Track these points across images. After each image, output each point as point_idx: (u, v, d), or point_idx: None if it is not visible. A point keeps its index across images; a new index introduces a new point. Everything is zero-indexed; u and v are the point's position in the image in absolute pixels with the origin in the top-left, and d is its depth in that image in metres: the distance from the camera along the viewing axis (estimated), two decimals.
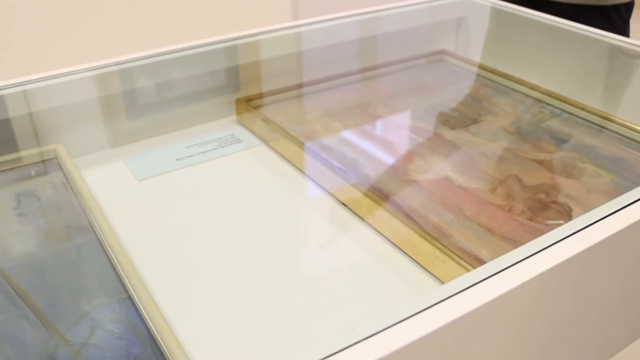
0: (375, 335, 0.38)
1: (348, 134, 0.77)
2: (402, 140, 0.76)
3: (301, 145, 0.72)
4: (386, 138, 0.77)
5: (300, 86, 0.87)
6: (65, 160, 0.69)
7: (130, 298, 0.53)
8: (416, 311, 0.39)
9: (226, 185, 0.70)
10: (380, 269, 0.57)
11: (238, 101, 0.82)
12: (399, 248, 0.60)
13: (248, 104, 0.81)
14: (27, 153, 0.71)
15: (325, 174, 0.68)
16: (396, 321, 0.39)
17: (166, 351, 0.47)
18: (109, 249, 0.57)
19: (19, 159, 0.71)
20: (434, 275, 0.57)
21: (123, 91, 0.78)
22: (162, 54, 0.80)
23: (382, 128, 0.79)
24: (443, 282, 0.56)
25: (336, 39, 0.93)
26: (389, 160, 0.72)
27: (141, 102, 0.79)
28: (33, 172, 0.70)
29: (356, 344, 0.37)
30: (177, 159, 0.74)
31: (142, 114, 0.79)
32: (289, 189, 0.69)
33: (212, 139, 0.78)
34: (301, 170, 0.72)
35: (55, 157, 0.72)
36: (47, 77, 0.73)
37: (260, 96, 0.83)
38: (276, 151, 0.76)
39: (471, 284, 0.42)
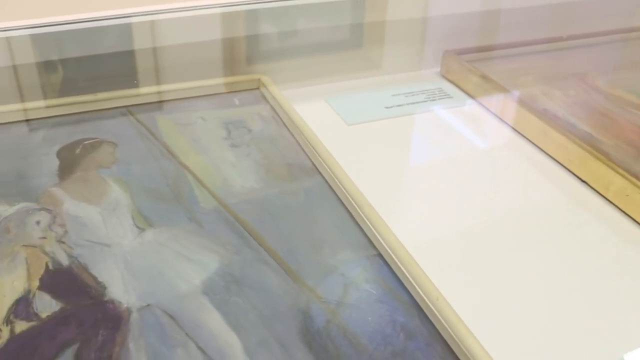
0: None
1: (572, 104, 0.69)
2: (635, 119, 0.67)
3: (529, 109, 0.64)
4: (615, 114, 0.68)
5: (507, 46, 0.78)
6: (275, 92, 0.62)
7: (380, 255, 0.46)
8: None
9: (444, 141, 0.62)
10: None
11: (446, 53, 0.74)
12: None
13: (460, 57, 0.73)
14: (228, 80, 0.65)
15: (561, 145, 0.60)
16: None
17: (445, 325, 0.40)
18: (348, 197, 0.50)
19: (220, 86, 0.65)
20: None
21: (323, 27, 0.71)
22: None
23: (607, 103, 0.70)
24: None
25: (541, 1, 0.84)
26: (626, 138, 0.63)
27: (340, 40, 0.72)
28: (237, 102, 0.63)
29: None
30: (386, 107, 0.67)
31: (341, 53, 0.72)
32: (515, 156, 0.61)
33: (420, 90, 0.70)
34: (525, 137, 0.64)
35: (258, 88, 0.65)
36: (244, 1, 0.67)
37: (468, 51, 0.75)
38: (492, 112, 0.68)
39: None
